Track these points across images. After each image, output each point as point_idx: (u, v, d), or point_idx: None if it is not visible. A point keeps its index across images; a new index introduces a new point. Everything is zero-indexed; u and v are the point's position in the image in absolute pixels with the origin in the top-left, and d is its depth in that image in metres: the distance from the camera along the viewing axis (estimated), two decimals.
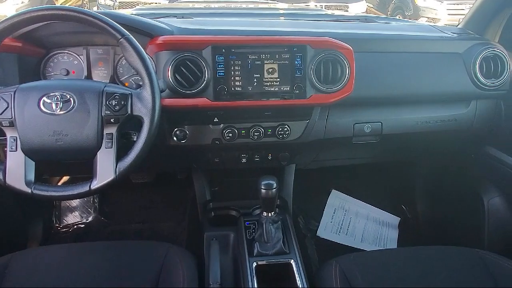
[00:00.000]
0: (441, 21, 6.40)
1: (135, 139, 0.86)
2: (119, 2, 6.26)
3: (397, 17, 7.41)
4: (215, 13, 1.57)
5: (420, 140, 1.27)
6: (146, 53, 0.99)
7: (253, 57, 0.98)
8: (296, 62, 1.00)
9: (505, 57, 1.14)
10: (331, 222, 1.63)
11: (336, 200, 1.70)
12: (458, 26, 1.34)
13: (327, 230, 1.60)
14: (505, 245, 1.26)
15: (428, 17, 6.75)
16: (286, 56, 0.99)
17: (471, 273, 0.95)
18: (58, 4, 6.72)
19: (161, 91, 0.89)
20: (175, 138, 1.04)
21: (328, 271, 0.95)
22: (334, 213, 1.66)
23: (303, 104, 1.03)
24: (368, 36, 1.18)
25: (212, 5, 2.17)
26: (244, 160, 1.17)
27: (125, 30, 0.83)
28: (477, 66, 1.13)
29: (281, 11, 1.82)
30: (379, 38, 1.17)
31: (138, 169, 0.88)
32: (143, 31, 0.99)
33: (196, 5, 2.16)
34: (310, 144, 1.14)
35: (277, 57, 0.99)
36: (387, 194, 1.80)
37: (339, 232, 1.60)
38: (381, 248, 1.55)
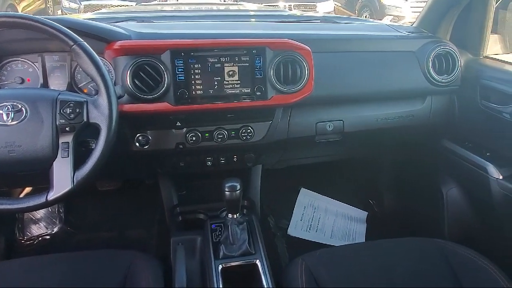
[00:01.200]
0: (405, 18, 6.60)
1: (94, 147, 0.84)
2: (85, 6, 6.10)
3: (364, 16, 7.61)
4: (177, 16, 1.56)
5: (381, 136, 1.31)
6: (104, 59, 0.98)
7: (213, 60, 0.99)
8: (256, 64, 1.01)
9: (455, 54, 1.19)
10: (301, 220, 1.65)
11: (305, 198, 1.72)
12: (413, 25, 1.38)
13: (297, 228, 1.62)
14: (463, 234, 1.32)
15: (393, 15, 6.96)
16: (246, 58, 1.00)
17: (430, 262, 0.99)
18: (20, 8, 6.49)
19: (119, 97, 0.88)
20: (137, 144, 1.03)
21: (294, 269, 0.96)
22: (303, 211, 1.69)
23: (264, 106, 1.04)
24: (326, 37, 1.20)
25: (177, 8, 2.16)
26: (209, 163, 1.17)
27: (77, 37, 0.82)
28: (430, 63, 1.18)
29: (244, 13, 1.83)
30: (337, 39, 1.20)
31: (98, 177, 0.86)
32: (99, 37, 0.97)
33: (160, 8, 2.14)
34: (274, 144, 1.16)
35: (236, 59, 1.00)
36: (355, 190, 1.85)
37: (309, 229, 1.63)
38: (349, 243, 1.59)
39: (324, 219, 1.67)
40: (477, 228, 1.31)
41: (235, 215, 1.00)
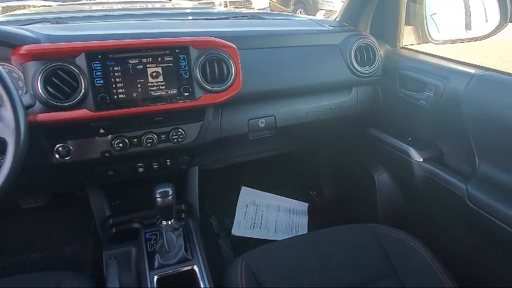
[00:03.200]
0: (337, 12, 6.88)
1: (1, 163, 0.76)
2: (2, 7, 5.59)
3: (299, 11, 7.81)
4: (97, 16, 1.46)
5: (312, 128, 1.34)
6: (11, 65, 0.89)
7: (134, 61, 0.94)
8: (180, 64, 0.98)
9: (375, 46, 1.25)
10: (244, 218, 1.65)
11: (247, 196, 1.73)
12: (336, 19, 1.43)
13: (241, 227, 1.61)
14: (394, 216, 1.40)
15: (325, 10, 7.23)
16: (169, 58, 0.97)
17: (365, 246, 1.03)
18: None
19: (29, 106, 0.80)
20: (57, 156, 0.95)
21: (234, 270, 0.95)
22: (246, 209, 1.68)
23: (193, 106, 1.01)
24: (252, 33, 1.20)
25: (104, 7, 2.04)
26: (141, 169, 1.11)
27: None
28: (352, 56, 1.22)
29: (170, 11, 1.78)
30: (263, 35, 1.20)
31: (19, 195, 0.78)
32: (2, 41, 0.88)
33: (88, 8, 2.00)
34: (208, 145, 1.14)
35: (159, 60, 0.96)
36: (295, 182, 1.88)
37: (253, 227, 1.63)
38: (294, 236, 1.61)
39: (267, 215, 1.68)
40: (406, 209, 1.40)
41: (169, 222, 0.96)
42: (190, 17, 1.55)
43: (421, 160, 1.17)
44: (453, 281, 0.91)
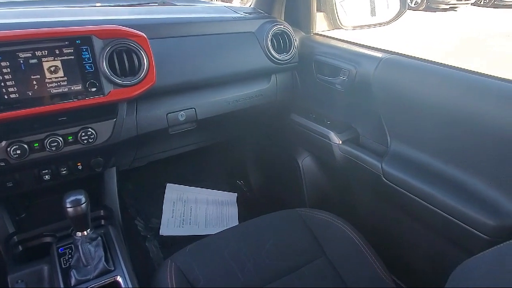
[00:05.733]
0: None
1: None
2: None
3: None
4: None
5: (235, 118, 1.32)
6: None
7: (26, 55, 0.81)
8: (83, 56, 0.87)
9: (290, 33, 1.26)
10: (172, 217, 1.58)
11: (173, 193, 1.65)
12: (250, 6, 1.41)
13: (169, 226, 1.55)
14: (320, 199, 1.46)
15: None
16: (69, 50, 0.85)
17: (293, 231, 1.05)
18: None
19: None
20: None
21: (162, 273, 0.90)
22: (173, 207, 1.62)
23: (102, 103, 0.91)
24: (164, 21, 1.13)
25: None
26: (47, 176, 0.99)
27: None
28: (269, 43, 1.22)
29: None
30: (176, 22, 1.13)
31: None
32: None
33: None
34: (124, 143, 1.05)
35: (57, 52, 0.84)
36: (222, 173, 1.86)
37: (182, 224, 1.57)
38: (224, 228, 1.59)
39: (196, 210, 1.64)
40: (330, 191, 1.46)
41: (85, 232, 0.87)
42: (97, 4, 1.41)
43: (340, 142, 1.22)
44: (376, 255, 0.96)
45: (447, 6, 11.47)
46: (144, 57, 0.93)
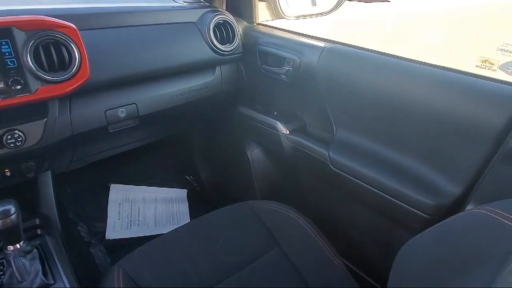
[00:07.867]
0: None
1: None
2: None
3: None
4: None
5: (181, 112, 1.27)
6: None
7: None
8: (4, 50, 0.78)
9: (232, 23, 1.23)
10: (119, 218, 1.50)
11: (118, 194, 1.57)
12: None
13: (116, 229, 1.46)
14: (270, 190, 1.46)
15: None
16: None
17: (246, 224, 1.03)
18: None
19: None
20: None
21: (110, 281, 0.84)
22: (119, 208, 1.53)
23: (29, 101, 0.83)
24: (96, 10, 1.04)
25: None
26: None
27: None
28: (211, 33, 1.18)
29: None
30: (109, 12, 1.06)
31: None
32: None
33: None
34: (59, 145, 0.96)
35: None
36: (170, 170, 1.80)
37: (130, 226, 1.50)
38: (176, 226, 1.55)
39: (144, 210, 1.56)
40: (280, 181, 1.47)
41: (17, 245, 0.79)
42: None
43: (287, 132, 1.23)
44: (328, 242, 0.99)
45: None
46: (75, 50, 0.86)
